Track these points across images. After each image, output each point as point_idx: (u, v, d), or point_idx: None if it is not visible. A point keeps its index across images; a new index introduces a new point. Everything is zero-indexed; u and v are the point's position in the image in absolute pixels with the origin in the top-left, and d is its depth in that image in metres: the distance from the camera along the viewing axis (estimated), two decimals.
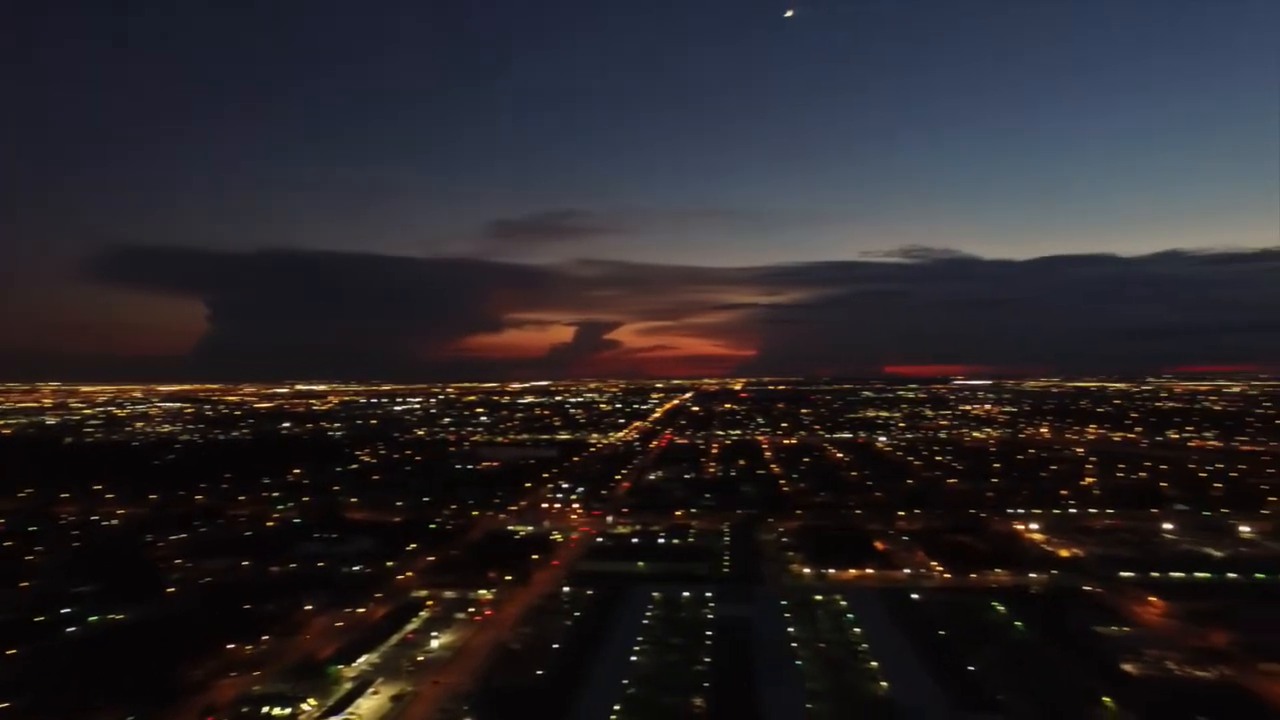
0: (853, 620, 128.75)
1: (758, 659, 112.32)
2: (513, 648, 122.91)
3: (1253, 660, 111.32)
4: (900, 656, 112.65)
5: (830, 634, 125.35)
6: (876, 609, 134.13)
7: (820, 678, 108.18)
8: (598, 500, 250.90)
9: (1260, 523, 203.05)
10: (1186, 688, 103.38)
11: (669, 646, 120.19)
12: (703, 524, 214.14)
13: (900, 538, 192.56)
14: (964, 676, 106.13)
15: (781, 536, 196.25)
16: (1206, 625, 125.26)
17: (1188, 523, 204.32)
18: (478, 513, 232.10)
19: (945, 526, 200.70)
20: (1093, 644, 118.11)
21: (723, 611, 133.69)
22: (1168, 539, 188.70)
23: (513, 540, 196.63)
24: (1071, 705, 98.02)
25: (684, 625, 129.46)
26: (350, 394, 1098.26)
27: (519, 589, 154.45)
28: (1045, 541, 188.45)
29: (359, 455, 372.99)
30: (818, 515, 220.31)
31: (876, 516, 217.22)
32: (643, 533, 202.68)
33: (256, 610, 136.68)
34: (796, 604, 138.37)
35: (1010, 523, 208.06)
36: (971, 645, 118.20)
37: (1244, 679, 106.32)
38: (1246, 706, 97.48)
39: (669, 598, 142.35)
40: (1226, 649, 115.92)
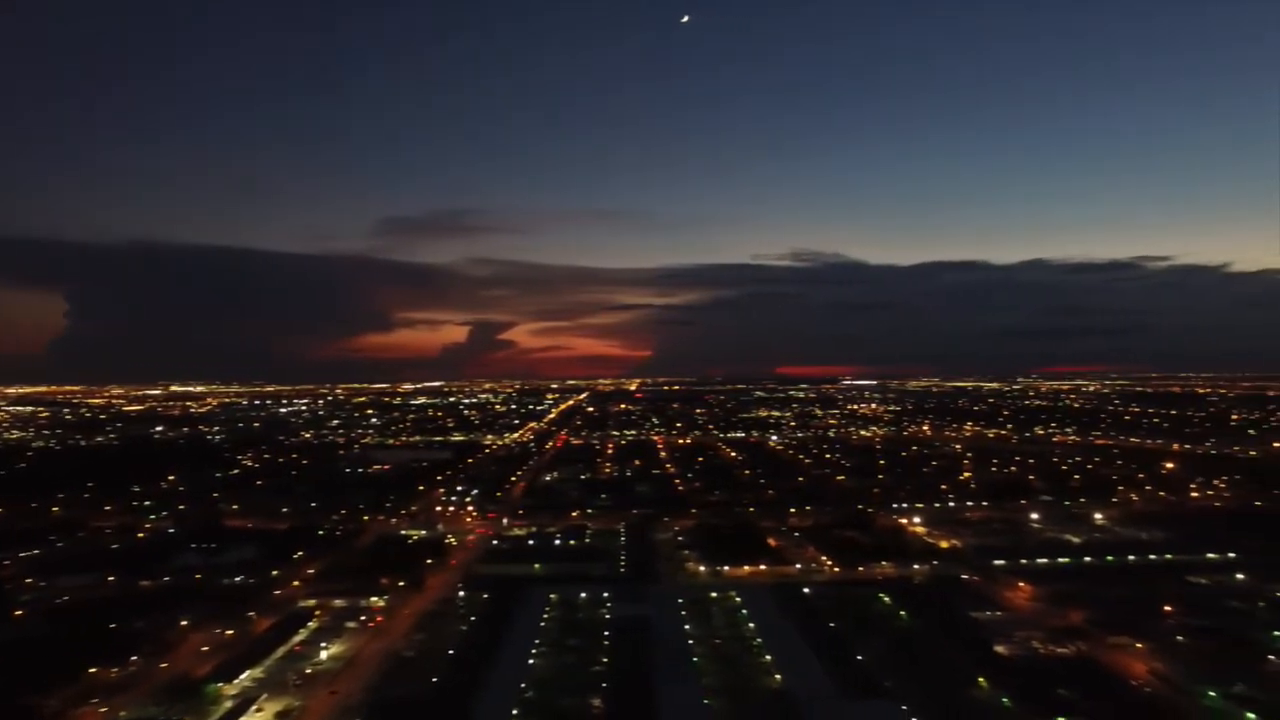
0: (747, 616, 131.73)
1: (655, 657, 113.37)
2: (406, 655, 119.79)
3: (1104, 635, 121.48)
4: (792, 649, 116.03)
5: (725, 630, 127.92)
6: (769, 604, 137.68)
7: (717, 673, 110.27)
8: (493, 502, 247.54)
9: (1111, 510, 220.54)
10: (1049, 664, 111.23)
11: (567, 648, 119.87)
12: (599, 524, 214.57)
13: (792, 534, 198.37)
14: (853, 665, 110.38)
15: (677, 535, 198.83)
16: (1066, 606, 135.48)
17: (1051, 512, 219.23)
18: (369, 517, 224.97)
19: (834, 522, 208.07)
20: (969, 629, 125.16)
21: (620, 611, 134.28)
22: (1034, 528, 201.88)
23: (406, 545, 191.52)
24: (950, 687, 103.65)
25: (581, 626, 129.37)
26: (230, 396, 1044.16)
27: (413, 595, 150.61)
28: (927, 534, 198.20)
29: (240, 460, 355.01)
30: (712, 514, 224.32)
31: (769, 514, 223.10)
32: (539, 534, 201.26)
33: (123, 629, 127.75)
34: (692, 602, 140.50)
35: (895, 517, 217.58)
36: (859, 635, 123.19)
37: (1097, 653, 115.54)
38: (1099, 677, 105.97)
39: (566, 599, 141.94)
40: (1082, 626, 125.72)
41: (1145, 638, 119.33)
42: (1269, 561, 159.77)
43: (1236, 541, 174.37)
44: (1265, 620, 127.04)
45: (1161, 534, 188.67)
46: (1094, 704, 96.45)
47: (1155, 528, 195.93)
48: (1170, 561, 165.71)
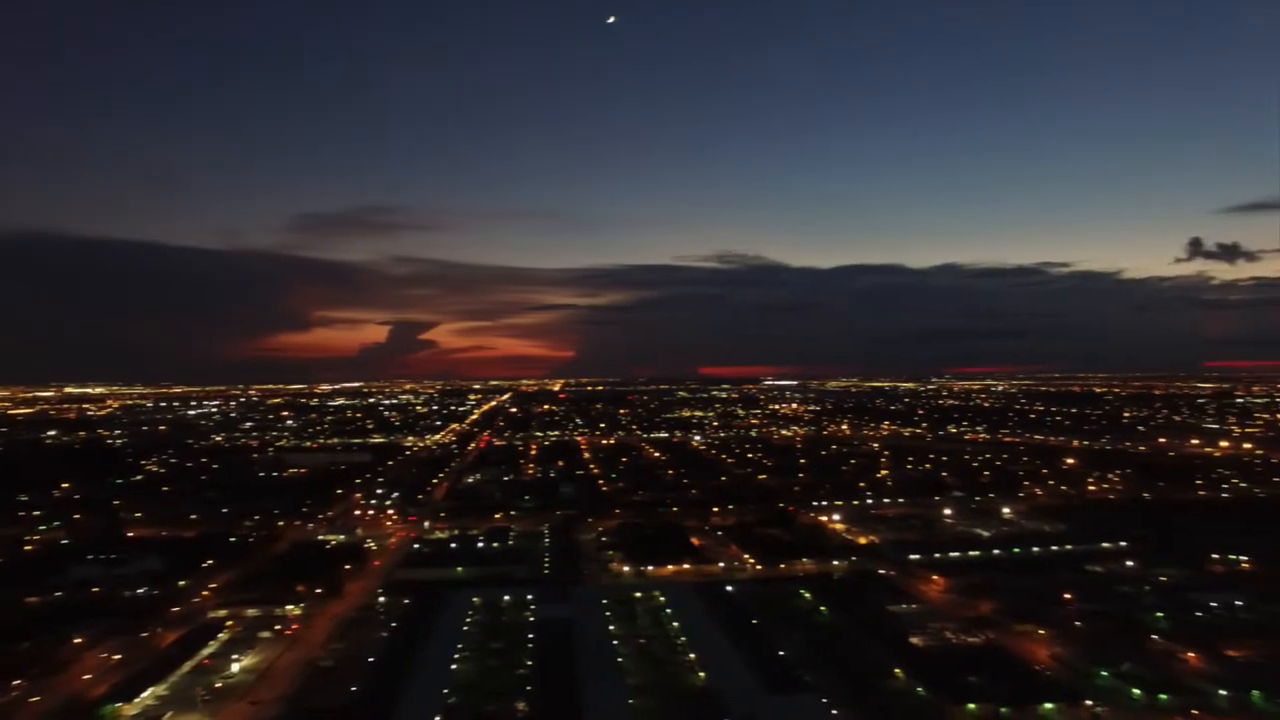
0: (671, 615, 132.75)
1: (580, 659, 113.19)
2: (324, 665, 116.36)
3: (1010, 623, 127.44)
4: (716, 647, 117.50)
5: (650, 629, 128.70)
6: (693, 603, 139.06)
7: (641, 673, 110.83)
8: (414, 505, 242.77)
9: (1018, 504, 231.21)
10: (960, 653, 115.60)
11: (490, 652, 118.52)
12: (522, 526, 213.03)
13: (715, 533, 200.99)
14: (775, 661, 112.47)
15: (601, 536, 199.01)
16: (976, 597, 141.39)
17: (963, 507, 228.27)
18: (284, 523, 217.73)
19: (756, 520, 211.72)
20: (886, 622, 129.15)
21: (544, 613, 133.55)
22: (947, 523, 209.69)
23: (323, 550, 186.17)
24: (869, 679, 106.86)
25: (505, 629, 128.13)
26: (133, 398, 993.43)
27: (331, 602, 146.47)
28: (846, 530, 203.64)
29: (144, 465, 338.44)
30: (636, 514, 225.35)
31: (692, 513, 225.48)
32: (461, 537, 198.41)
33: (6, 649, 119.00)
34: (617, 602, 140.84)
35: (815, 514, 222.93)
36: (781, 631, 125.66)
37: (1004, 640, 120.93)
38: (1005, 663, 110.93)
39: (489, 602, 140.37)
40: (991, 616, 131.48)
41: (1047, 624, 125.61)
42: (1154, 549, 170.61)
43: (1127, 531, 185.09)
44: (1150, 603, 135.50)
45: (1062, 526, 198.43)
46: (1001, 688, 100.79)
47: (1057, 520, 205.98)
48: (1070, 552, 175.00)
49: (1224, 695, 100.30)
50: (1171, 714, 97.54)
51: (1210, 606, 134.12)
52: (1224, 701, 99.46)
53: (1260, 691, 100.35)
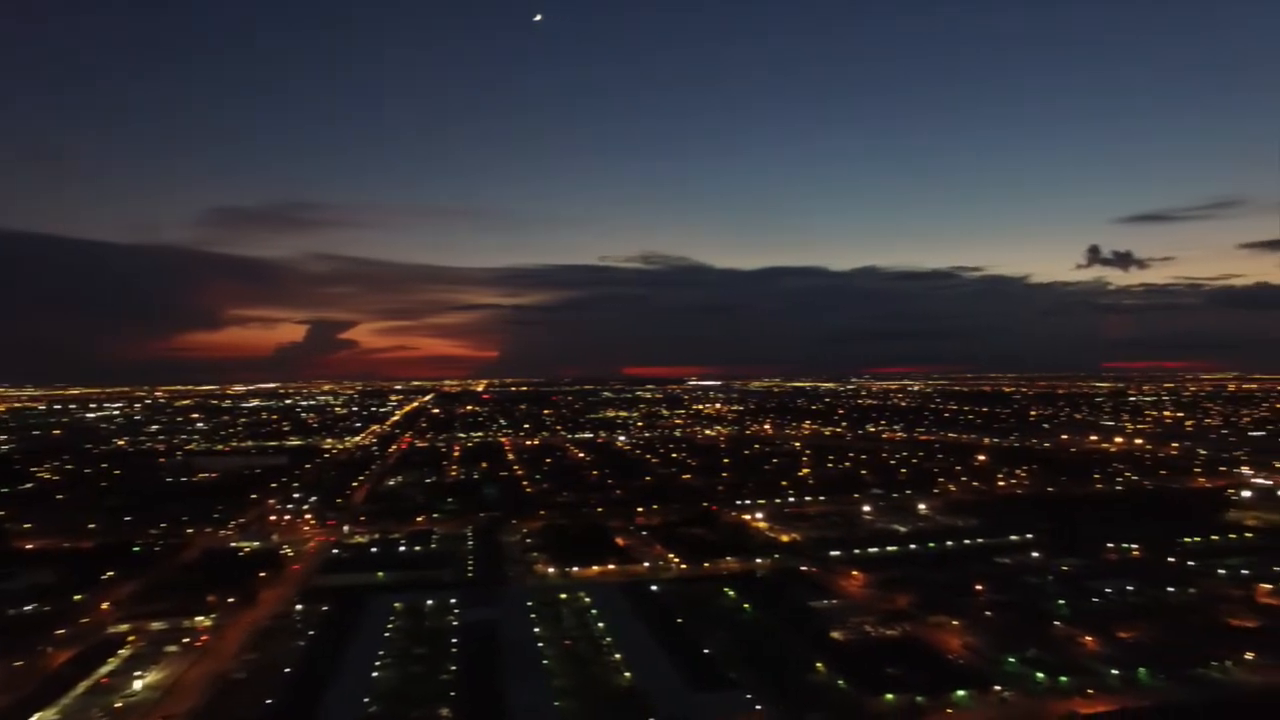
0: (597, 615, 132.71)
1: (505, 662, 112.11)
2: (237, 677, 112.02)
3: (926, 615, 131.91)
4: (641, 646, 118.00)
5: (575, 631, 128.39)
6: (619, 603, 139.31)
7: (567, 674, 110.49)
8: (333, 509, 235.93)
9: (933, 500, 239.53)
10: (879, 646, 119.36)
11: (413, 657, 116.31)
12: (445, 528, 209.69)
13: (640, 533, 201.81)
14: (700, 659, 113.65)
15: (526, 537, 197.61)
16: (894, 590, 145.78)
17: (881, 504, 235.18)
18: (192, 531, 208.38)
19: (681, 520, 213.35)
20: (808, 617, 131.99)
21: (468, 617, 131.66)
22: (866, 519, 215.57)
23: (236, 558, 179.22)
24: (792, 674, 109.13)
25: (428, 634, 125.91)
26: (23, 400, 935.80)
27: (244, 611, 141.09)
28: (769, 529, 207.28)
29: (35, 472, 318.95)
30: (561, 514, 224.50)
31: (617, 513, 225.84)
32: (382, 541, 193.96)
33: None
34: (542, 604, 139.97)
35: (739, 513, 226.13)
36: (706, 629, 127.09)
37: (920, 632, 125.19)
38: (921, 654, 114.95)
39: (412, 607, 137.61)
40: (908, 609, 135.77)
41: (960, 615, 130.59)
42: (1057, 541, 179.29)
43: (1033, 524, 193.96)
44: (1053, 592, 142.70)
45: (974, 520, 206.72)
46: (917, 678, 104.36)
47: (969, 515, 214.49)
48: (980, 545, 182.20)
49: (1115, 674, 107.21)
50: (1070, 695, 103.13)
51: (1106, 592, 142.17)
52: (1115, 680, 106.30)
53: (1146, 669, 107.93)
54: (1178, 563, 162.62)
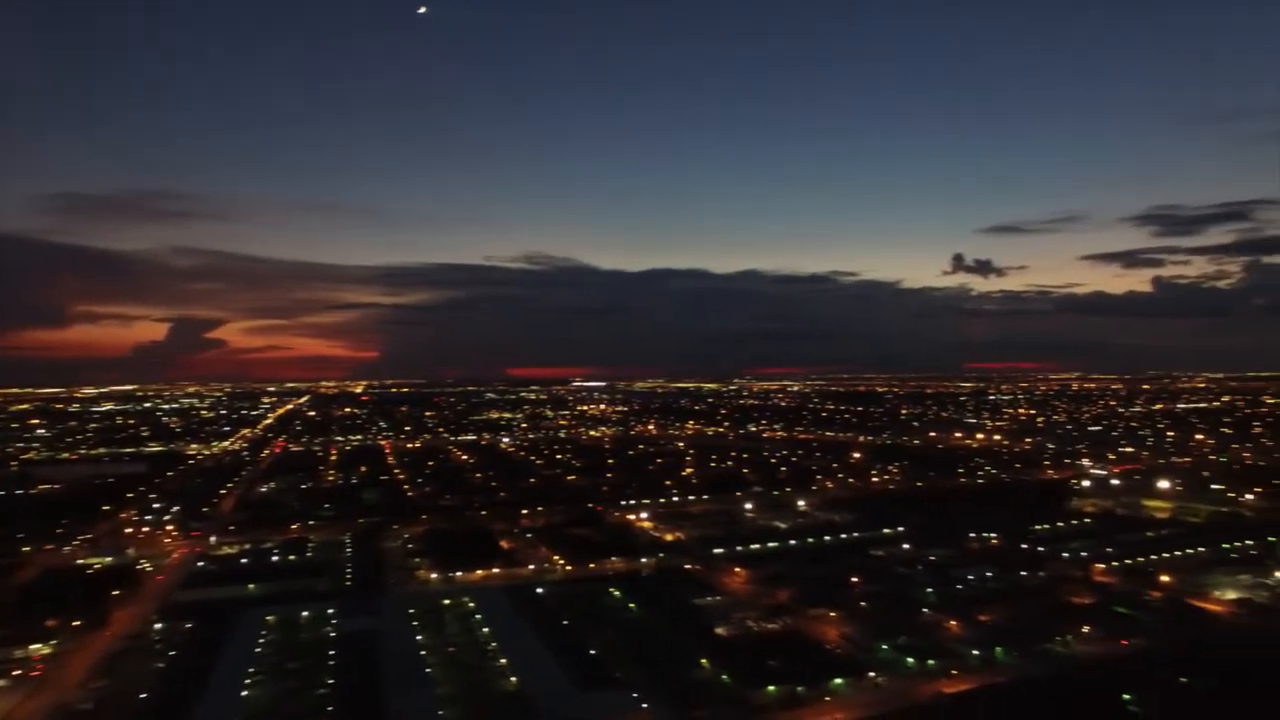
0: (481, 620, 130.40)
1: (386, 671, 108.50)
2: (82, 709, 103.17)
3: (805, 609, 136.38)
4: (527, 650, 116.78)
5: (459, 637, 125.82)
6: (504, 607, 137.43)
7: (451, 681, 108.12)
8: (198, 520, 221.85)
9: (812, 497, 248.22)
10: (762, 640, 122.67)
11: (286, 672, 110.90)
12: (322, 536, 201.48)
13: (524, 535, 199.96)
14: (586, 660, 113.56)
15: (407, 543, 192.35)
16: (775, 586, 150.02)
17: (762, 502, 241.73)
18: (30, 547, 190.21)
19: (566, 521, 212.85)
20: (692, 615, 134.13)
21: (346, 627, 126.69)
22: (748, 517, 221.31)
23: (83, 577, 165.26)
24: (677, 671, 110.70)
25: (303, 647, 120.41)
26: None
27: (92, 634, 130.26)
28: (654, 528, 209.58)
29: None
30: (443, 518, 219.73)
31: (501, 516, 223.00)
32: (253, 551, 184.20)
33: None
34: (424, 610, 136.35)
35: (624, 513, 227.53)
36: (592, 630, 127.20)
37: (800, 625, 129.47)
38: (801, 646, 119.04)
39: (286, 619, 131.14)
40: (788, 603, 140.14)
41: (837, 607, 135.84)
42: (925, 532, 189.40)
43: (904, 517, 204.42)
44: (922, 581, 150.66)
45: (850, 515, 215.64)
46: (797, 669, 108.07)
47: (845, 510, 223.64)
48: (856, 539, 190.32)
49: (976, 655, 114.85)
50: (936, 676, 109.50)
51: (968, 579, 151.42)
52: (976, 660, 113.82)
53: (1002, 648, 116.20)
54: (1029, 549, 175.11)
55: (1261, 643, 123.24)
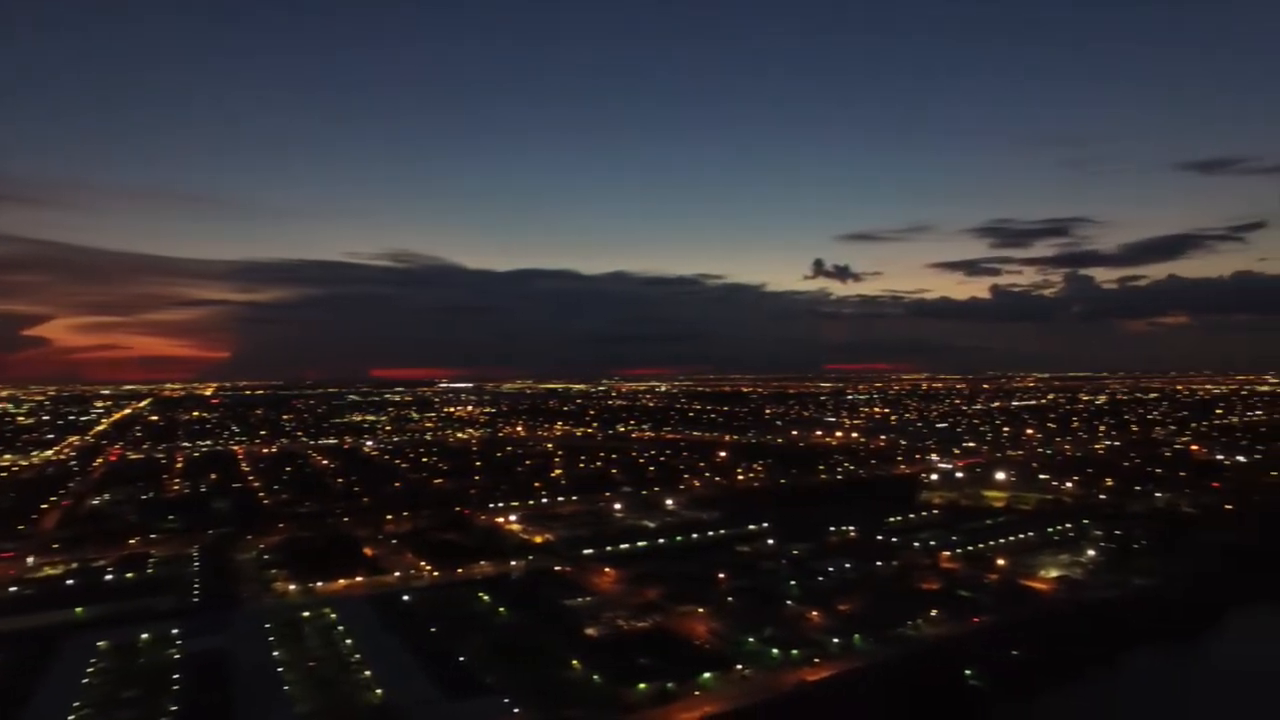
0: (344, 632, 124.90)
1: (238, 693, 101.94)
2: None
3: (674, 606, 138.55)
4: (393, 660, 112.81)
5: (320, 650, 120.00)
6: (368, 616, 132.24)
7: (311, 698, 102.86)
8: (12, 539, 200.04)
9: (679, 496, 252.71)
10: (632, 639, 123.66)
11: (122, 702, 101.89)
12: (166, 550, 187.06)
13: (389, 541, 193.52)
14: (455, 666, 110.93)
15: (263, 553, 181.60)
16: (644, 584, 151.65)
17: (631, 501, 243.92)
18: None
19: (432, 525, 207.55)
20: (562, 616, 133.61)
21: (193, 647, 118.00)
22: (617, 517, 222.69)
23: None
24: (547, 673, 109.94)
25: (142, 672, 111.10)
26: None
27: None
28: (523, 531, 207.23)
29: None
30: (302, 526, 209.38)
31: (365, 522, 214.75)
32: (82, 570, 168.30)
33: None
34: (282, 625, 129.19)
35: (492, 516, 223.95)
36: (461, 636, 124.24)
37: (669, 622, 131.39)
38: (671, 643, 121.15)
39: (122, 644, 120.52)
40: (657, 601, 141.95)
41: (705, 603, 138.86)
42: (788, 528, 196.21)
43: (768, 514, 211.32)
44: (785, 575, 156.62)
45: (716, 513, 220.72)
46: (667, 666, 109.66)
47: (712, 508, 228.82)
48: (722, 536, 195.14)
49: (836, 643, 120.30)
50: (799, 665, 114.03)
51: (828, 572, 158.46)
52: (836, 648, 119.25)
53: (860, 635, 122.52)
54: (884, 540, 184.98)
55: (1076, 614, 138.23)
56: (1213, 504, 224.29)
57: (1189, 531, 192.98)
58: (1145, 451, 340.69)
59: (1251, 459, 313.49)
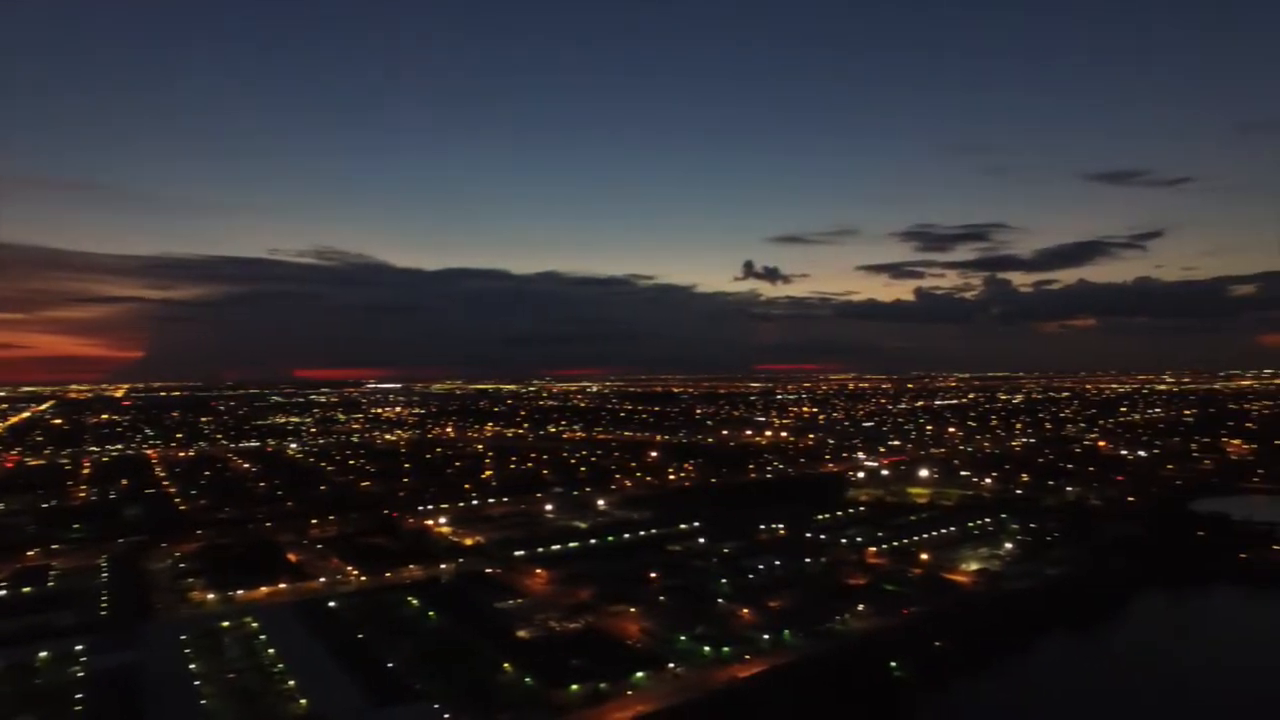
0: (266, 641, 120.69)
1: (149, 709, 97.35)
2: None
3: (606, 606, 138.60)
4: (318, 668, 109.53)
5: (241, 661, 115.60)
6: (291, 624, 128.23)
7: (232, 711, 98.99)
8: None
9: (611, 496, 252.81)
10: (564, 640, 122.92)
11: None
12: (70, 562, 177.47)
13: (314, 546, 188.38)
14: (383, 674, 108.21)
15: (179, 562, 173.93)
16: (576, 585, 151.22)
17: (562, 502, 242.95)
18: None
19: (359, 530, 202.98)
20: (494, 619, 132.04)
21: (100, 665, 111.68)
22: (548, 518, 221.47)
23: None
24: (478, 678, 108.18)
25: (42, 695, 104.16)
26: None
27: None
28: (453, 533, 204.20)
29: None
30: (222, 533, 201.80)
31: (288, 527, 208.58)
32: None
33: None
34: (199, 636, 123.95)
35: (421, 519, 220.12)
36: (389, 642, 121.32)
37: (601, 622, 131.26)
38: (603, 643, 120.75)
39: (17, 664, 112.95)
40: (589, 601, 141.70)
41: (637, 602, 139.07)
42: (719, 526, 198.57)
43: (699, 512, 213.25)
44: (716, 573, 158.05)
45: (648, 513, 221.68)
46: (600, 667, 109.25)
47: (643, 508, 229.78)
48: (654, 535, 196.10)
49: (766, 639, 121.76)
50: (730, 662, 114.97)
51: (759, 569, 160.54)
52: (766, 644, 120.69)
53: (790, 631, 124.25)
54: (812, 537, 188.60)
55: (993, 605, 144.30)
56: (1117, 497, 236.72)
57: (1096, 523, 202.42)
58: (1057, 448, 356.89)
59: (1151, 454, 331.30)
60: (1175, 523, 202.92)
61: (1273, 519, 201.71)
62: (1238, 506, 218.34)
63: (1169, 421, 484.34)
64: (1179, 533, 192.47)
